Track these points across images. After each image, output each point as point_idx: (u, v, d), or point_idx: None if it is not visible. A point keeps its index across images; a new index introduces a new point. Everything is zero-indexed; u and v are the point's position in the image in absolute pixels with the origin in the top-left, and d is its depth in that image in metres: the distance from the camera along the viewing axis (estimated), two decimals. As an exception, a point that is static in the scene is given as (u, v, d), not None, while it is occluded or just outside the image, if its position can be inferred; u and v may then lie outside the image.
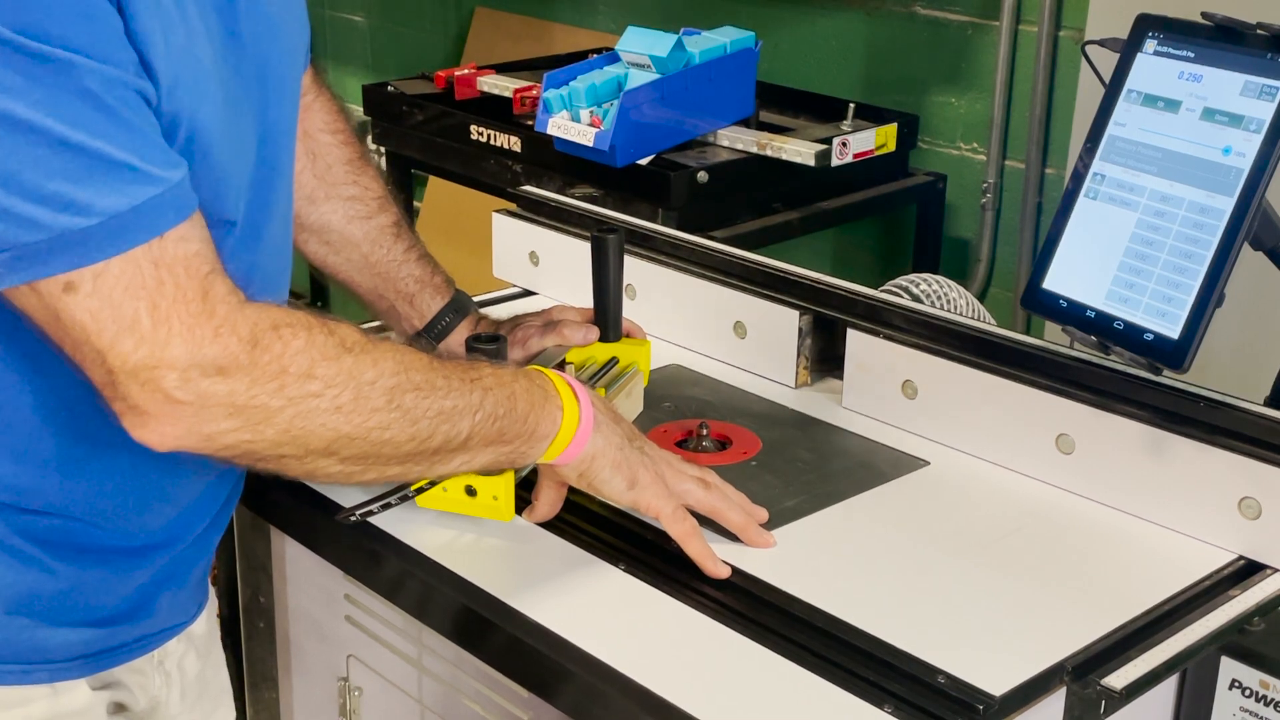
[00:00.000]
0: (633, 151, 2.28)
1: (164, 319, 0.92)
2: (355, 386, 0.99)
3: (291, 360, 0.96)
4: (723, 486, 1.20)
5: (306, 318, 0.99)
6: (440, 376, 1.05)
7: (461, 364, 1.09)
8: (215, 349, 0.93)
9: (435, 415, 1.04)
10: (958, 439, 1.37)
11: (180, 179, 0.95)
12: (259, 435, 0.97)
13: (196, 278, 0.94)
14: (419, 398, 1.03)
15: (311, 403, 0.97)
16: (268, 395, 0.95)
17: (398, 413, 1.01)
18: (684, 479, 1.18)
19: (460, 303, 1.45)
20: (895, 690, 1.01)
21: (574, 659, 1.05)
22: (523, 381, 1.11)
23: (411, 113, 2.67)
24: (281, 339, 0.96)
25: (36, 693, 1.10)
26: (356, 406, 0.99)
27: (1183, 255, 1.18)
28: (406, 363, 1.03)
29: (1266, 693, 1.10)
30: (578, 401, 1.13)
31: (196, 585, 1.24)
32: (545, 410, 1.11)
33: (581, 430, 1.13)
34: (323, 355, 0.98)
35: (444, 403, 1.04)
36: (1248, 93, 1.16)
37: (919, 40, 2.64)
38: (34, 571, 1.07)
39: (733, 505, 1.19)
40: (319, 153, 1.39)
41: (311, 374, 0.97)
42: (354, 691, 1.39)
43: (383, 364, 1.01)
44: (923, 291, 1.67)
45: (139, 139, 0.92)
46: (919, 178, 2.56)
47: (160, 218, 0.93)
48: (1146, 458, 1.23)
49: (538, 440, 1.11)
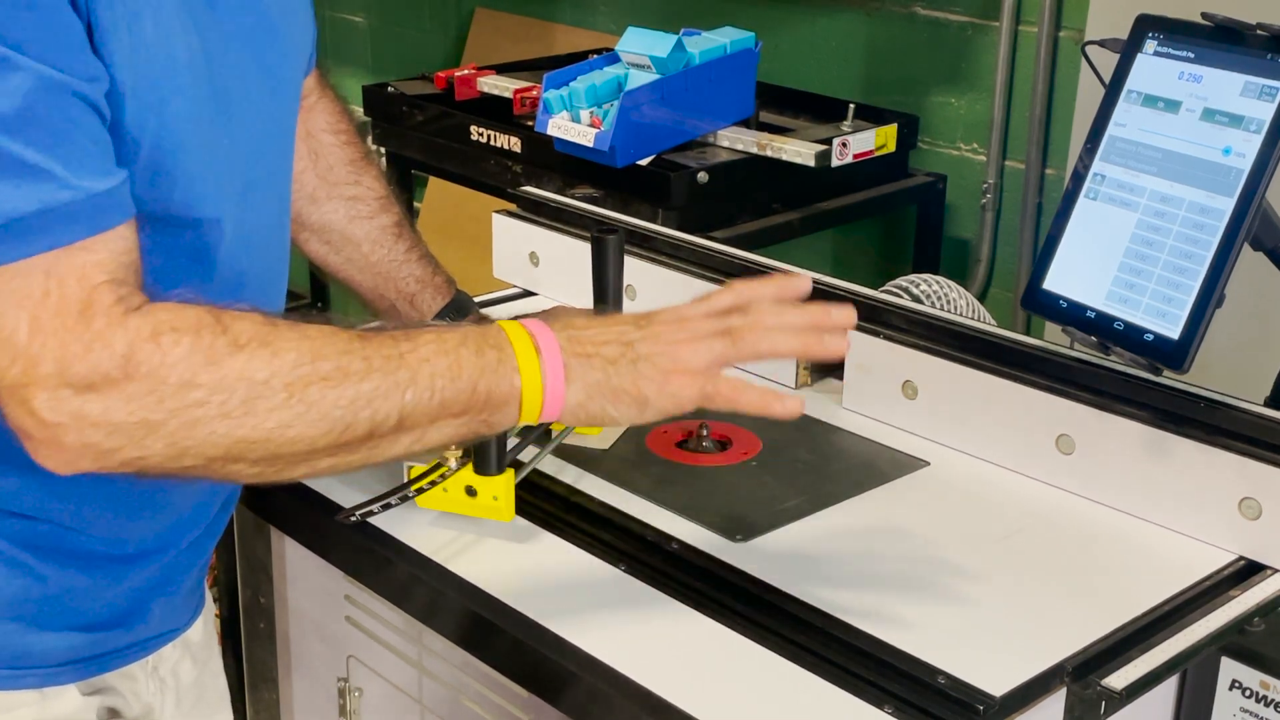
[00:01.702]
0: (633, 152, 2.28)
1: (39, 332, 0.89)
2: (246, 388, 0.92)
3: (170, 370, 0.91)
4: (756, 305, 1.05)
5: (198, 318, 0.93)
6: (358, 359, 0.96)
7: (393, 336, 0.99)
8: (85, 366, 0.89)
9: (350, 402, 0.95)
10: (958, 439, 1.37)
11: (106, 189, 0.92)
12: (148, 450, 0.92)
13: (83, 288, 0.90)
14: (326, 388, 0.94)
15: (195, 412, 0.91)
16: (147, 409, 0.90)
17: (301, 407, 0.94)
18: (703, 346, 1.03)
19: (461, 303, 1.45)
20: (895, 690, 1.01)
21: (574, 660, 1.05)
22: (471, 344, 1.00)
23: (412, 113, 2.67)
24: (160, 348, 0.91)
25: (25, 698, 1.09)
26: (249, 409, 0.92)
27: (1183, 255, 1.18)
28: (315, 351, 0.95)
29: (1267, 693, 1.10)
30: (538, 355, 1.01)
31: (191, 591, 1.23)
32: (499, 374, 1.00)
33: (551, 386, 1.01)
34: (207, 360, 0.92)
35: (360, 387, 0.95)
36: (1248, 93, 1.16)
37: (919, 40, 2.64)
38: (22, 576, 1.07)
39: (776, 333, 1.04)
40: (321, 153, 1.39)
41: (193, 382, 0.91)
42: (354, 692, 1.39)
43: (283, 356, 0.94)
44: (923, 292, 1.67)
45: (63, 144, 0.90)
46: (919, 178, 2.56)
47: (67, 227, 0.89)
48: (1147, 458, 1.23)
49: (497, 407, 1.00)
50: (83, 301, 0.90)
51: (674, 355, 1.02)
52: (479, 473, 1.19)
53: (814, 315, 1.04)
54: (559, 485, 1.29)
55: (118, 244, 0.92)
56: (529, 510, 1.24)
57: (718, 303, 1.06)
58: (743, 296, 1.06)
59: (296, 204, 1.36)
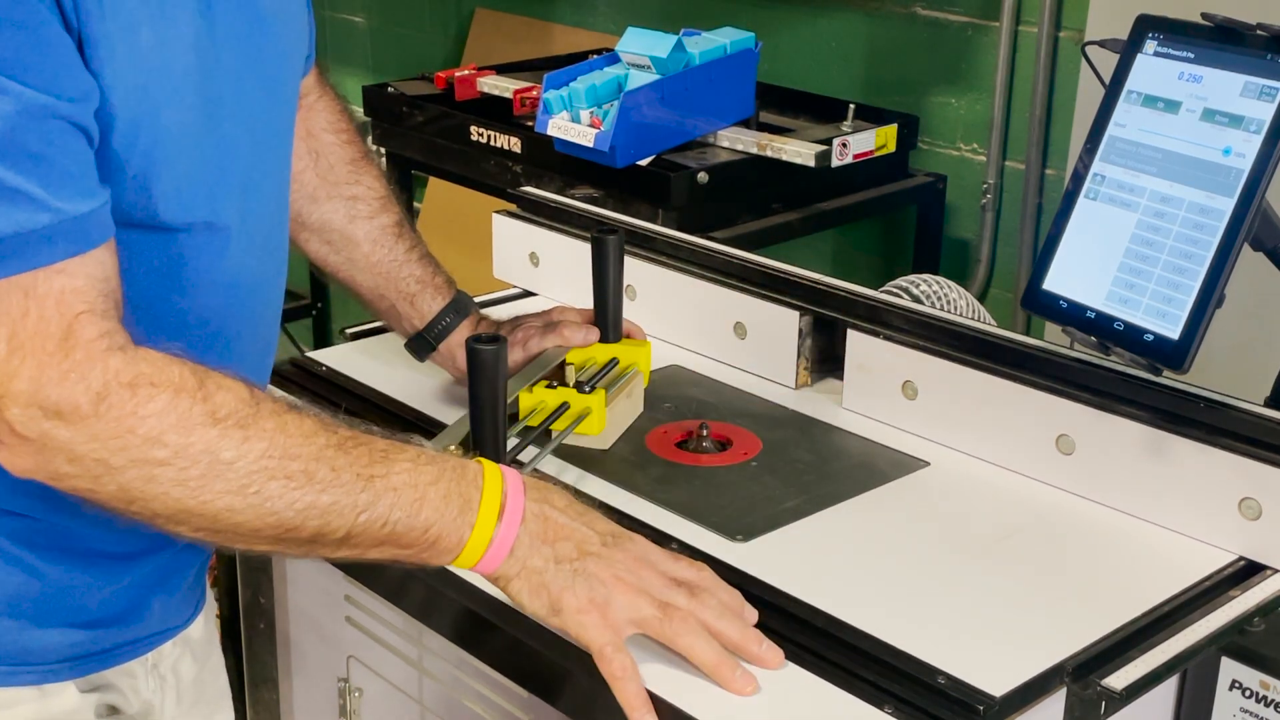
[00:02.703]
0: (633, 152, 2.28)
1: (18, 349, 0.90)
2: (208, 463, 0.93)
3: (141, 422, 0.92)
4: (706, 596, 1.05)
5: (181, 378, 0.94)
6: (327, 468, 0.96)
7: (370, 454, 0.99)
8: (58, 393, 0.90)
9: (304, 509, 0.96)
10: (958, 439, 1.37)
11: (86, 211, 0.92)
12: (100, 488, 0.93)
13: (64, 314, 0.91)
14: (287, 487, 0.95)
15: (154, 470, 0.92)
16: (108, 452, 0.92)
17: (256, 499, 0.94)
18: (638, 602, 1.02)
19: (461, 303, 1.45)
20: (895, 690, 1.01)
21: (574, 660, 1.05)
22: (443, 486, 1.01)
23: (412, 114, 2.67)
24: (136, 398, 0.92)
25: (24, 694, 1.09)
26: (204, 485, 0.93)
27: (1183, 256, 1.18)
28: (287, 448, 0.95)
29: (1267, 693, 1.10)
30: (499, 520, 1.02)
31: (191, 589, 1.23)
32: (454, 525, 1.01)
33: (492, 552, 1.02)
34: (179, 423, 0.92)
35: (319, 498, 0.96)
36: (1248, 93, 1.16)
37: (919, 41, 2.64)
38: (21, 574, 1.07)
39: (700, 634, 1.02)
40: (321, 152, 1.39)
41: (160, 440, 0.92)
42: (354, 692, 1.39)
43: (254, 443, 0.94)
44: (923, 292, 1.67)
45: (44, 167, 0.90)
46: (919, 178, 2.56)
47: (44, 248, 0.90)
48: (1147, 458, 1.23)
49: (439, 552, 1.02)
50: (64, 329, 0.91)
51: (610, 592, 1.02)
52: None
53: (747, 639, 1.04)
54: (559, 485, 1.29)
55: (96, 269, 0.93)
56: (529, 510, 1.24)
57: (679, 571, 1.06)
58: (702, 580, 1.06)
59: (296, 203, 1.36)
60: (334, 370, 1.53)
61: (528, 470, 1.26)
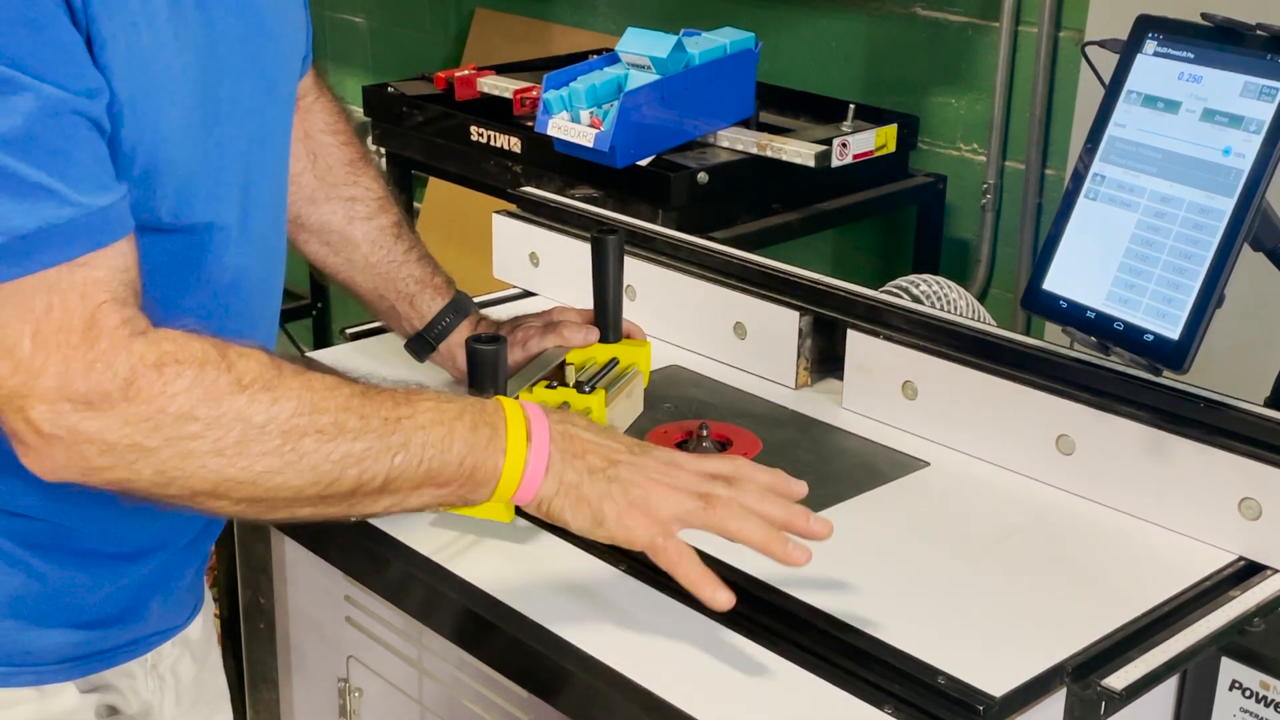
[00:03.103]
0: (633, 152, 2.28)
1: (43, 346, 0.90)
2: (242, 429, 0.94)
3: (170, 400, 0.92)
4: (745, 482, 1.06)
5: (204, 352, 0.95)
6: (356, 417, 0.98)
7: (394, 398, 1.01)
8: (87, 383, 0.91)
9: (340, 459, 0.97)
10: (958, 440, 1.37)
11: (106, 205, 0.93)
12: (136, 474, 0.94)
13: (87, 306, 0.91)
14: (320, 441, 0.96)
15: (190, 444, 0.93)
16: (141, 435, 0.92)
17: (293, 456, 0.96)
18: (677, 497, 1.04)
19: (460, 303, 1.45)
20: (895, 690, 1.01)
21: (574, 660, 1.05)
22: (468, 419, 1.02)
23: (412, 114, 2.67)
24: (164, 377, 0.92)
25: (23, 695, 1.10)
26: (241, 450, 0.94)
27: (1183, 256, 1.18)
28: (314, 403, 0.97)
29: (1267, 693, 1.10)
30: (528, 442, 1.04)
31: (190, 589, 1.23)
32: (487, 453, 1.02)
33: (530, 474, 1.04)
34: (207, 395, 0.93)
35: (353, 446, 0.97)
36: (1247, 93, 1.16)
37: (919, 41, 2.64)
38: (21, 574, 1.07)
39: (748, 517, 1.04)
40: (320, 153, 1.39)
41: (192, 415, 0.93)
42: (354, 693, 1.39)
43: (283, 404, 0.95)
44: (922, 292, 1.67)
45: (63, 162, 0.91)
46: (919, 178, 2.56)
47: (68, 243, 0.91)
48: (1147, 458, 1.23)
49: (478, 484, 1.03)
50: (87, 320, 0.91)
51: (647, 492, 1.04)
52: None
53: (793, 515, 1.05)
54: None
55: (117, 260, 0.94)
56: (529, 510, 1.24)
57: (711, 465, 1.08)
58: (739, 470, 1.07)
59: (295, 205, 1.36)
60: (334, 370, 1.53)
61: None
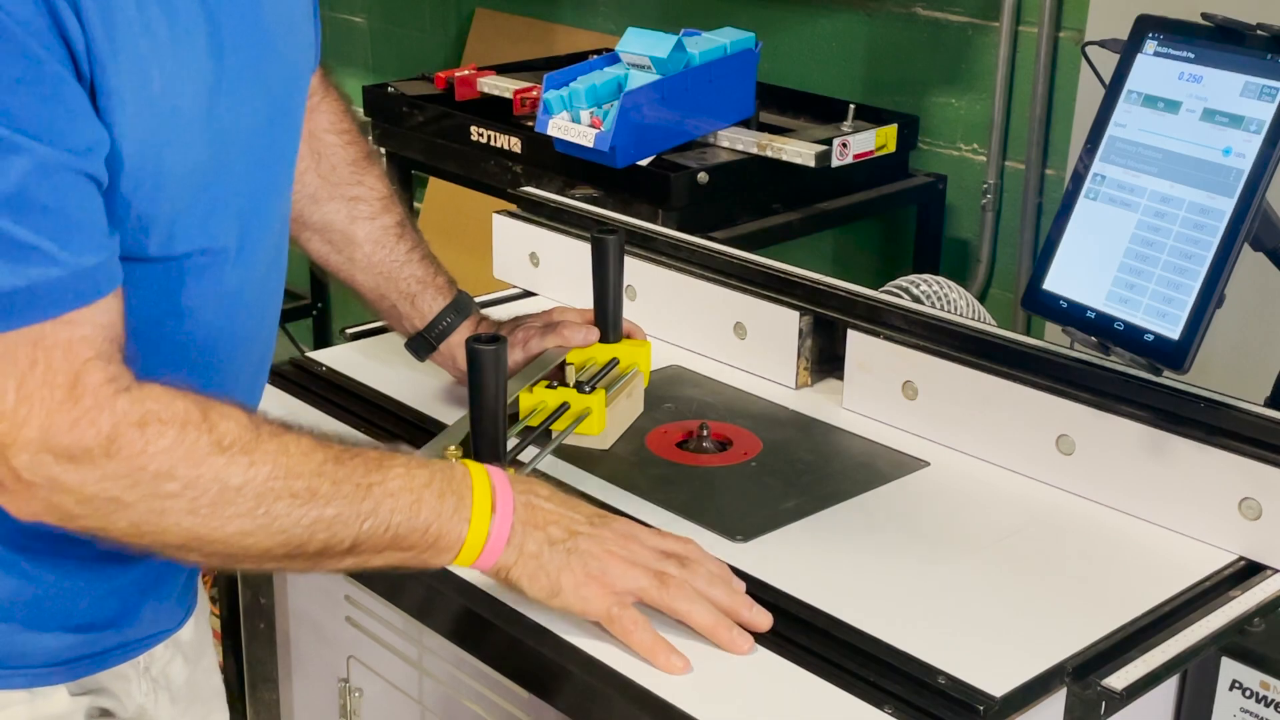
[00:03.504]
0: (633, 152, 2.28)
1: (26, 398, 0.91)
2: (218, 490, 0.96)
3: (151, 459, 0.94)
4: (696, 565, 1.10)
5: (186, 412, 0.96)
6: (328, 482, 1.00)
7: (366, 464, 1.03)
8: (69, 439, 0.92)
9: (311, 523, 0.99)
10: (958, 440, 1.37)
11: (95, 264, 0.93)
12: (111, 524, 0.96)
13: (72, 363, 0.92)
14: (293, 505, 0.98)
15: (166, 502, 0.95)
16: (119, 489, 0.94)
17: (265, 519, 0.98)
18: (633, 573, 1.07)
19: (462, 303, 1.45)
20: (895, 690, 1.01)
21: (574, 660, 1.05)
22: (436, 486, 1.05)
23: (412, 114, 2.67)
24: (145, 436, 0.94)
25: (14, 697, 1.09)
26: (216, 511, 0.96)
27: (1183, 256, 1.18)
28: (290, 467, 0.99)
29: (1267, 693, 1.10)
30: (492, 513, 1.06)
31: (182, 592, 1.23)
32: (452, 522, 1.05)
33: (491, 543, 1.06)
34: (187, 456, 0.95)
35: (324, 511, 0.99)
36: (1248, 93, 1.16)
37: (919, 41, 2.64)
38: (13, 578, 1.07)
39: (697, 600, 1.07)
40: (324, 153, 1.39)
41: (171, 474, 0.95)
42: (354, 693, 1.39)
43: (260, 467, 0.97)
44: (923, 292, 1.67)
45: (55, 221, 0.91)
46: (919, 179, 2.56)
47: (55, 301, 0.92)
48: (1147, 458, 1.23)
49: (441, 551, 1.05)
50: (71, 376, 0.92)
51: (604, 564, 1.07)
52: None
53: (737, 604, 1.08)
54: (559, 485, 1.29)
55: (103, 316, 0.95)
56: (529, 510, 1.24)
57: (667, 544, 1.11)
58: (690, 552, 1.11)
59: (298, 203, 1.36)
60: (334, 370, 1.53)
61: (528, 470, 1.26)
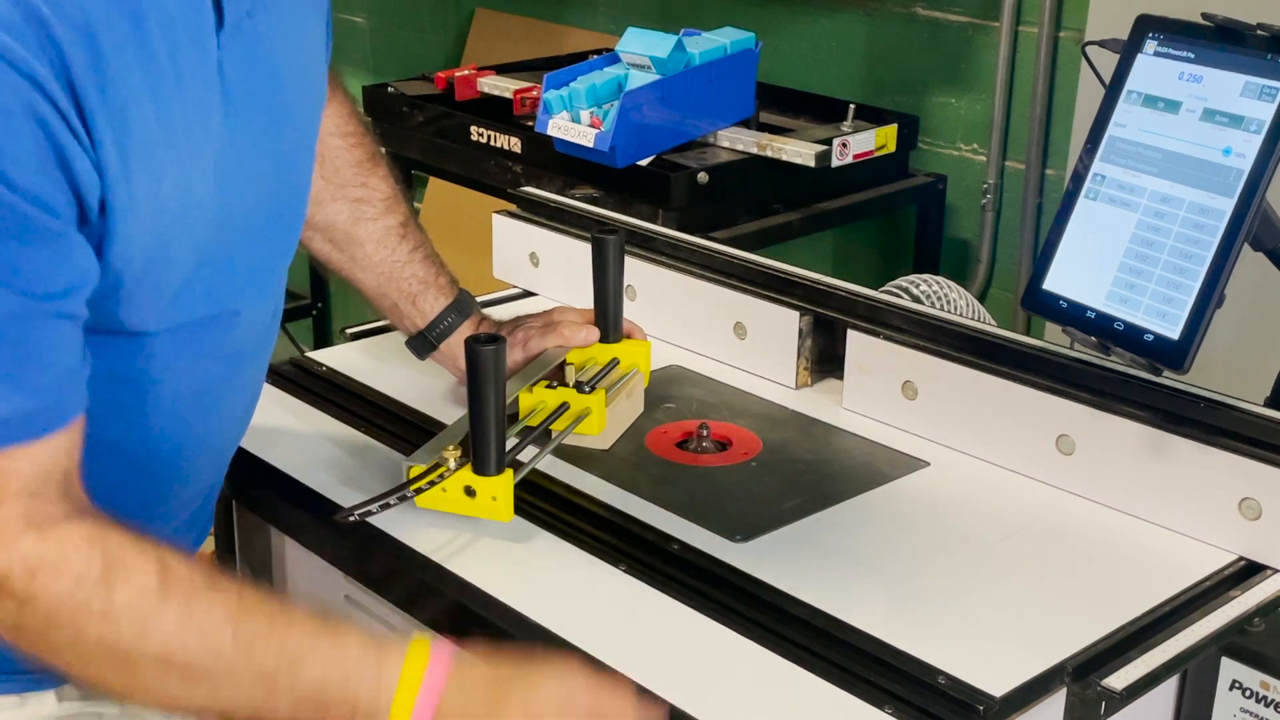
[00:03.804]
0: (633, 152, 2.28)
1: None
2: (103, 655, 0.95)
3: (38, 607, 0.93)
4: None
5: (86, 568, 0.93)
6: (224, 671, 0.96)
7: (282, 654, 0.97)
8: None
9: (204, 702, 0.97)
10: (958, 440, 1.37)
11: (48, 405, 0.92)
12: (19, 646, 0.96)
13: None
14: (182, 685, 0.96)
15: (60, 649, 0.95)
16: (12, 622, 0.94)
17: (153, 687, 0.97)
18: None
19: (463, 303, 1.45)
20: (895, 690, 1.01)
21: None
22: (350, 687, 0.97)
23: (412, 114, 2.67)
24: (33, 585, 0.92)
25: (5, 703, 1.10)
26: (102, 671, 0.97)
27: (1183, 256, 1.18)
28: (186, 647, 0.95)
29: (1267, 693, 1.10)
30: None
31: None
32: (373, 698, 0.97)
33: None
34: (75, 615, 0.93)
35: (216, 692, 0.97)
36: (1248, 93, 1.16)
37: (919, 41, 2.64)
38: None
39: None
40: (327, 156, 1.39)
41: (59, 625, 0.94)
42: (354, 692, 1.38)
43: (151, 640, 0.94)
44: (923, 292, 1.67)
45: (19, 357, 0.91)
46: (919, 178, 2.56)
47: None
48: (1147, 458, 1.23)
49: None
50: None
51: None
52: (478, 473, 1.19)
53: None
54: (558, 485, 1.29)
55: (45, 451, 0.94)
56: (528, 510, 1.24)
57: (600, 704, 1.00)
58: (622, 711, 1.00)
59: (300, 205, 1.36)
60: (334, 370, 1.53)
61: (527, 470, 1.26)
